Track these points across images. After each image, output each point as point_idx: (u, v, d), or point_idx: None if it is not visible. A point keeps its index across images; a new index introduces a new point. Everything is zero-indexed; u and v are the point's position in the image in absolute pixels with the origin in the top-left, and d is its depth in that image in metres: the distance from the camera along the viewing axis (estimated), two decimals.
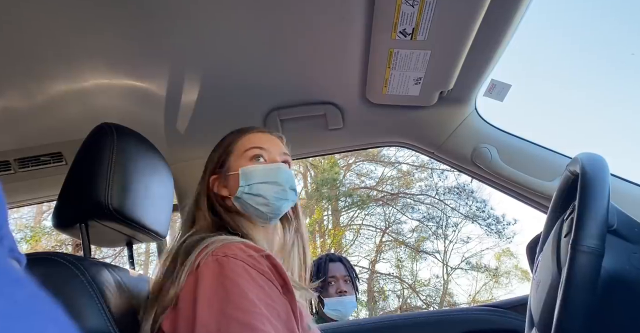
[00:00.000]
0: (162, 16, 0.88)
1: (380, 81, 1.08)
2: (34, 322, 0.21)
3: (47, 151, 1.27)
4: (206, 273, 0.64)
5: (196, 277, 0.64)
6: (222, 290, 0.62)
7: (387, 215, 8.71)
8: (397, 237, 8.68)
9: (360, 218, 8.77)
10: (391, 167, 8.62)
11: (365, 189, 8.77)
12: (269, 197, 0.81)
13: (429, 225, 8.44)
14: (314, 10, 0.89)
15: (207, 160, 0.91)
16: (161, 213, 0.98)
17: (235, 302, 0.60)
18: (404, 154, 8.26)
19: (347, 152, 6.12)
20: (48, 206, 6.79)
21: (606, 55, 9.68)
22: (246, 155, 0.85)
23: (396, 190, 8.64)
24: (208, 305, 0.61)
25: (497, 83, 1.11)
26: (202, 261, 0.65)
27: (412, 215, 8.48)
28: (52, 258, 0.75)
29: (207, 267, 0.64)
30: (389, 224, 8.69)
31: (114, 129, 0.89)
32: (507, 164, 1.15)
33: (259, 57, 1.03)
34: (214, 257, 0.65)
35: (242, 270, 0.64)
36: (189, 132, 1.29)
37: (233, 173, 0.84)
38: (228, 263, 0.64)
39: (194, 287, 0.64)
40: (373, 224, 8.75)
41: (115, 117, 0.99)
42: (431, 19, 0.88)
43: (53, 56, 0.96)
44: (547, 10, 7.94)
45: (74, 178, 0.86)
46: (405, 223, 8.57)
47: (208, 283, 0.63)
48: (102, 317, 0.72)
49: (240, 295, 0.61)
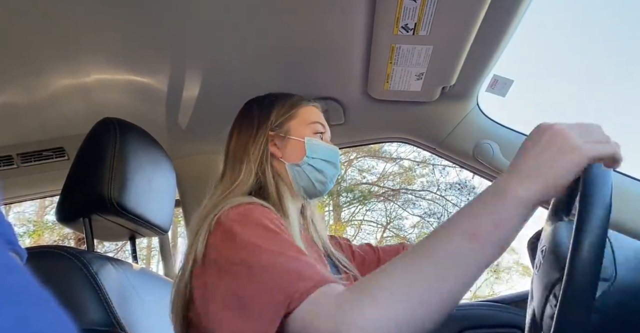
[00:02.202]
0: (164, 11, 0.88)
1: (382, 76, 1.08)
2: (26, 307, 0.21)
3: (49, 146, 1.28)
4: (230, 224, 0.63)
5: (218, 228, 0.63)
6: (252, 229, 0.61)
7: (388, 211, 8.73)
8: (398, 233, 8.70)
9: (361, 214, 8.78)
10: (393, 163, 8.62)
11: (367, 185, 8.78)
12: (328, 177, 0.82)
13: (430, 221, 8.45)
14: (315, 4, 0.89)
15: (247, 108, 0.87)
16: (164, 208, 0.99)
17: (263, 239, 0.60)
18: (405, 149, 8.26)
19: (348, 148, 6.15)
20: (51, 201, 6.80)
21: (612, 48, 9.63)
22: (311, 127, 0.83)
23: (398, 186, 8.65)
24: (238, 247, 0.60)
25: (500, 78, 1.10)
26: (222, 216, 0.65)
27: (413, 211, 8.50)
28: (56, 251, 0.75)
29: (228, 219, 0.64)
30: (390, 220, 8.71)
31: (117, 123, 0.89)
32: (509, 160, 1.15)
33: (260, 51, 1.03)
34: (233, 210, 0.65)
35: (260, 214, 0.65)
36: (191, 127, 1.29)
37: (296, 139, 0.81)
38: (249, 209, 0.65)
39: (218, 237, 0.63)
40: (374, 220, 8.77)
41: (117, 112, 0.99)
42: (433, 13, 0.87)
43: (55, 51, 0.96)
44: (551, 3, 7.88)
45: (77, 172, 0.86)
46: (406, 219, 8.59)
47: (235, 229, 0.62)
48: (104, 310, 0.73)
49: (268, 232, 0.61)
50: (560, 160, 0.46)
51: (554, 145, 0.47)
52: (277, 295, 0.53)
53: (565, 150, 0.46)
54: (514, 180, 0.48)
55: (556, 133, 0.48)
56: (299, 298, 0.52)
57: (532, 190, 0.47)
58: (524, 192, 0.47)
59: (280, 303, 0.52)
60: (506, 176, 0.49)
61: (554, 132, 0.48)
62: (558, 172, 0.46)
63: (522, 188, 0.47)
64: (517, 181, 0.48)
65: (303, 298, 0.51)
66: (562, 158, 0.46)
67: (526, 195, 0.47)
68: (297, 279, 0.54)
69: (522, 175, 0.48)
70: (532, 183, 0.47)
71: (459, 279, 0.47)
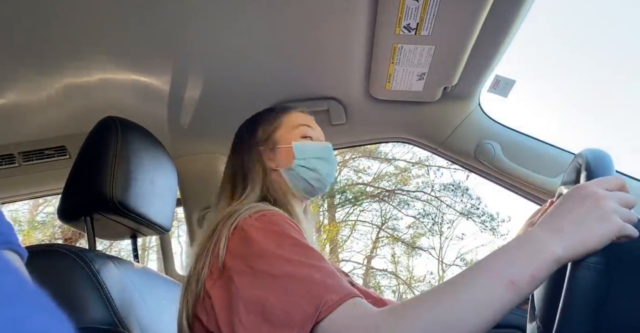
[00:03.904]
0: (168, 11, 0.88)
1: (383, 76, 1.08)
2: (19, 308, 0.21)
3: (51, 145, 1.28)
4: (251, 230, 0.63)
5: (240, 236, 0.64)
6: (274, 237, 0.62)
7: (383, 212, 8.74)
8: (393, 233, 8.71)
9: (355, 215, 8.78)
10: (387, 164, 8.60)
11: (362, 185, 8.77)
12: (323, 173, 0.84)
13: (425, 222, 8.47)
14: (317, 4, 0.89)
15: (238, 135, 0.90)
16: (165, 207, 0.99)
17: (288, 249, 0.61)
18: (401, 150, 8.26)
19: (349, 148, 6.13)
20: (44, 200, 6.79)
21: (614, 49, 9.62)
22: (297, 131, 0.86)
23: (393, 186, 8.64)
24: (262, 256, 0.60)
25: (501, 79, 1.10)
26: (241, 222, 0.65)
27: (408, 212, 8.52)
28: (58, 250, 0.75)
29: (249, 225, 0.64)
30: (385, 220, 8.71)
31: (119, 122, 0.89)
32: (511, 160, 1.15)
33: (262, 51, 1.03)
34: (253, 217, 0.66)
35: (282, 221, 0.66)
36: (193, 127, 1.29)
37: (284, 147, 0.84)
38: (269, 217, 0.66)
39: (240, 245, 0.63)
40: (369, 220, 8.77)
41: (119, 111, 0.99)
42: (435, 13, 0.87)
43: (58, 51, 0.96)
44: (553, 3, 7.88)
45: (78, 171, 0.87)
46: (401, 220, 8.60)
47: (256, 236, 0.62)
48: (106, 308, 0.73)
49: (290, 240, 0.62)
50: (599, 228, 0.51)
51: (594, 212, 0.52)
52: (305, 306, 0.54)
53: (603, 219, 0.51)
54: (555, 239, 0.51)
55: (598, 200, 0.52)
56: (328, 310, 0.53)
57: (569, 251, 0.51)
58: (562, 251, 0.51)
59: (309, 314, 0.53)
60: (548, 231, 0.53)
61: (597, 199, 0.52)
62: (596, 238, 0.50)
63: (561, 248, 0.51)
64: (558, 241, 0.51)
65: (332, 310, 0.53)
66: (600, 226, 0.51)
67: (563, 255, 0.51)
68: (325, 291, 0.55)
69: (563, 235, 0.52)
70: (571, 245, 0.51)
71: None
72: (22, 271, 0.24)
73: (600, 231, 0.50)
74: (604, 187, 0.54)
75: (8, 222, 0.29)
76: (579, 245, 0.50)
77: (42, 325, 0.22)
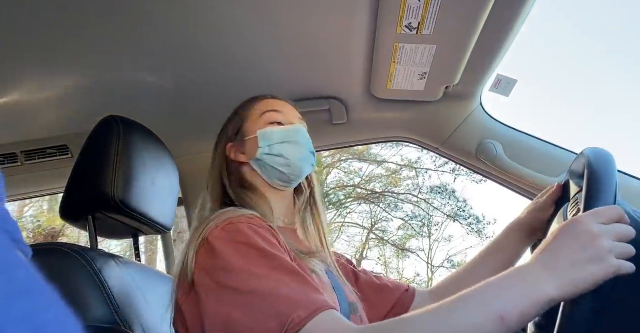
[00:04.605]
0: (167, 10, 0.88)
1: (385, 76, 1.08)
2: (34, 301, 0.22)
3: (53, 144, 1.28)
4: (216, 242, 0.62)
5: (207, 248, 0.63)
6: (240, 249, 0.60)
7: (373, 214, 8.73)
8: (382, 235, 8.71)
9: (342, 217, 8.77)
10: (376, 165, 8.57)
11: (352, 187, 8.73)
12: (291, 157, 0.79)
13: (413, 224, 8.50)
14: (319, 4, 0.89)
15: (219, 135, 0.88)
16: (167, 207, 0.99)
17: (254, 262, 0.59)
18: (390, 152, 8.27)
19: (348, 147, 6.10)
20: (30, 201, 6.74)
21: (616, 49, 9.58)
22: (263, 119, 0.83)
23: (384, 188, 8.62)
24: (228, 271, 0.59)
25: (503, 78, 1.10)
26: (208, 233, 0.64)
27: (396, 214, 8.53)
28: (60, 249, 0.75)
29: (214, 237, 0.63)
30: (375, 222, 8.71)
31: (120, 121, 0.90)
32: (512, 160, 1.14)
33: (264, 51, 1.03)
34: (220, 227, 0.64)
35: (249, 230, 0.63)
36: (195, 126, 1.29)
37: (251, 138, 0.82)
38: (236, 225, 0.64)
39: (206, 258, 0.62)
40: (359, 223, 8.77)
41: (120, 110, 0.99)
42: (437, 13, 0.87)
43: (59, 50, 0.96)
44: (556, 2, 7.84)
45: (80, 170, 0.87)
46: (391, 221, 8.61)
47: (221, 249, 0.61)
48: (108, 307, 0.73)
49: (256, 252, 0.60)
50: (593, 269, 0.49)
51: (588, 252, 0.50)
52: (271, 324, 0.52)
53: (599, 260, 0.50)
54: (550, 277, 0.50)
55: (594, 240, 0.50)
56: (295, 328, 0.51)
57: (562, 292, 0.49)
58: (554, 292, 0.49)
59: (273, 331, 0.52)
60: (542, 269, 0.51)
61: (592, 238, 0.51)
62: (590, 280, 0.49)
63: (555, 288, 0.49)
64: (553, 280, 0.50)
65: (300, 328, 0.52)
66: (594, 267, 0.49)
67: (556, 296, 0.50)
68: (293, 307, 0.53)
69: (557, 274, 0.50)
70: (564, 285, 0.50)
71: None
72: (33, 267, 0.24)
73: (594, 273, 0.49)
74: (601, 221, 0.52)
75: (14, 220, 0.30)
76: (571, 287, 0.49)
77: (56, 318, 0.22)
